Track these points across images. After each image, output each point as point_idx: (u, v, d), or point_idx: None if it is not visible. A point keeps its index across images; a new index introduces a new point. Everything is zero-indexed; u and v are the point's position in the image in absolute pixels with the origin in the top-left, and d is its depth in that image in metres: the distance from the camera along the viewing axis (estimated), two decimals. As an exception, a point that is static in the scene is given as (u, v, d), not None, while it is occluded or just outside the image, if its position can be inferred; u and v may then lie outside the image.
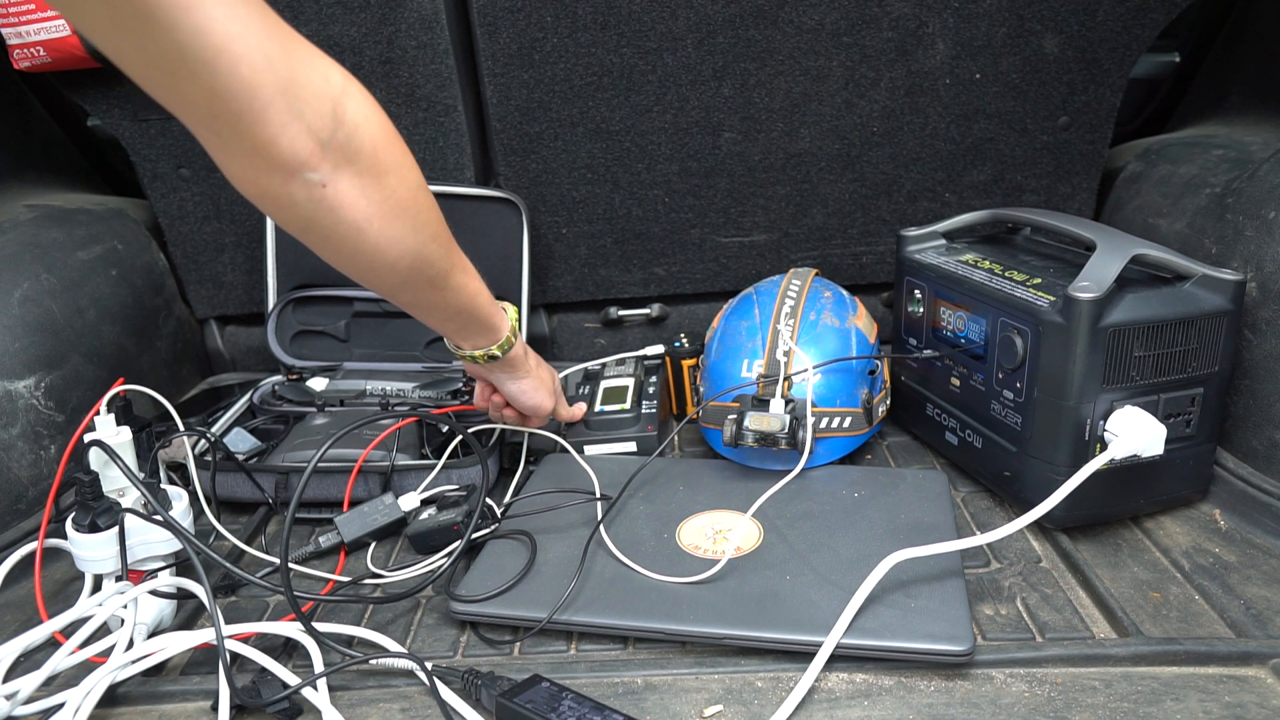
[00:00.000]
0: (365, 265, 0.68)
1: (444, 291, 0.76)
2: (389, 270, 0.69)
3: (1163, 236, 1.08)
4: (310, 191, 0.60)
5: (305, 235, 0.64)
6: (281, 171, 0.58)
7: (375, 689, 0.70)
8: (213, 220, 1.25)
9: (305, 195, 0.60)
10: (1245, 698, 0.65)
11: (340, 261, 0.68)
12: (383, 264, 0.68)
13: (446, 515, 0.86)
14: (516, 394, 0.93)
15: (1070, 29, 1.14)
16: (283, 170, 0.58)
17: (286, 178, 0.58)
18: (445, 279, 0.74)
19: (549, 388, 0.96)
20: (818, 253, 1.29)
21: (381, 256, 0.67)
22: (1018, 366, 0.87)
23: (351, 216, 0.63)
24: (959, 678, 0.68)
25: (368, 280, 0.72)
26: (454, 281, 0.76)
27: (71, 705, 0.65)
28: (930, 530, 0.83)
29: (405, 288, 0.74)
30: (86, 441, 0.77)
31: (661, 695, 0.68)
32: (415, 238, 0.68)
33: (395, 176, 0.64)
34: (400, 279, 0.71)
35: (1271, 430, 0.89)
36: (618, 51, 1.14)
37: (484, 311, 0.82)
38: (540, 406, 0.94)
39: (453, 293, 0.76)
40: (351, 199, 0.62)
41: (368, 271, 0.70)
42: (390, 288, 0.74)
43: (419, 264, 0.70)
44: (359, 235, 0.64)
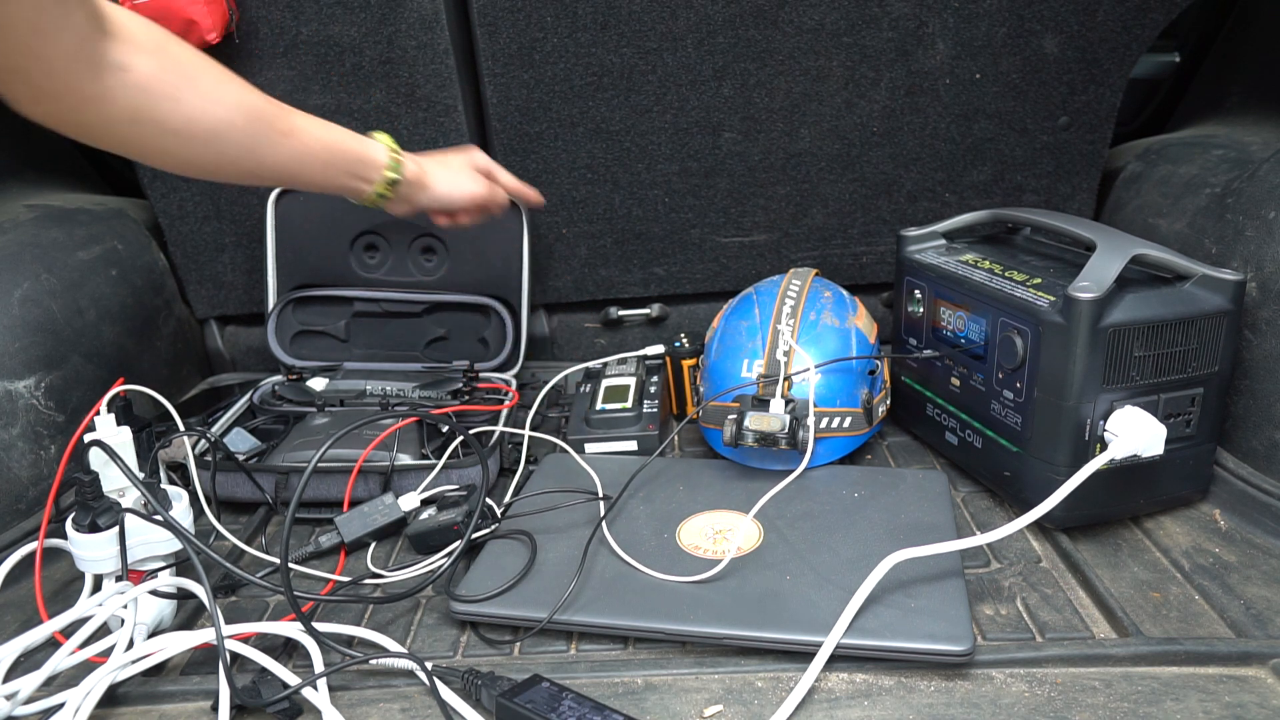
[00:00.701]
0: (206, 132, 0.71)
1: (298, 136, 0.78)
2: (230, 128, 0.72)
3: (1163, 236, 1.08)
4: (119, 77, 0.65)
5: (139, 127, 0.68)
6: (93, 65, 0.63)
7: (375, 689, 0.70)
8: (213, 220, 1.25)
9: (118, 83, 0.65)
10: (1245, 698, 0.65)
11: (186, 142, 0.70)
12: (223, 124, 0.71)
13: (446, 515, 0.86)
14: (445, 200, 0.94)
15: (1070, 29, 1.14)
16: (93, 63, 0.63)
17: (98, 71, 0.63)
18: (287, 121, 0.77)
19: (467, 175, 0.95)
20: (818, 253, 1.29)
21: (215, 116, 0.71)
22: (1018, 366, 0.87)
23: (164, 89, 0.67)
24: (959, 678, 0.68)
25: (229, 155, 0.74)
26: (298, 122, 0.78)
27: (71, 705, 0.65)
28: (930, 530, 0.83)
29: (262, 144, 0.75)
30: (86, 441, 0.77)
31: (661, 695, 0.68)
32: (229, 90, 0.72)
33: (174, 45, 0.69)
34: (248, 136, 0.74)
35: (1271, 430, 0.89)
36: (618, 51, 1.14)
37: (349, 142, 0.83)
38: (473, 196, 0.95)
39: (305, 133, 0.79)
40: (153, 73, 0.67)
41: (216, 140, 0.72)
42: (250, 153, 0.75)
43: (252, 113, 0.73)
44: (181, 105, 0.68)
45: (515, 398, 1.12)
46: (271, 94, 1.14)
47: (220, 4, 1.06)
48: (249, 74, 1.13)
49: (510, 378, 1.19)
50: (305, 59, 1.14)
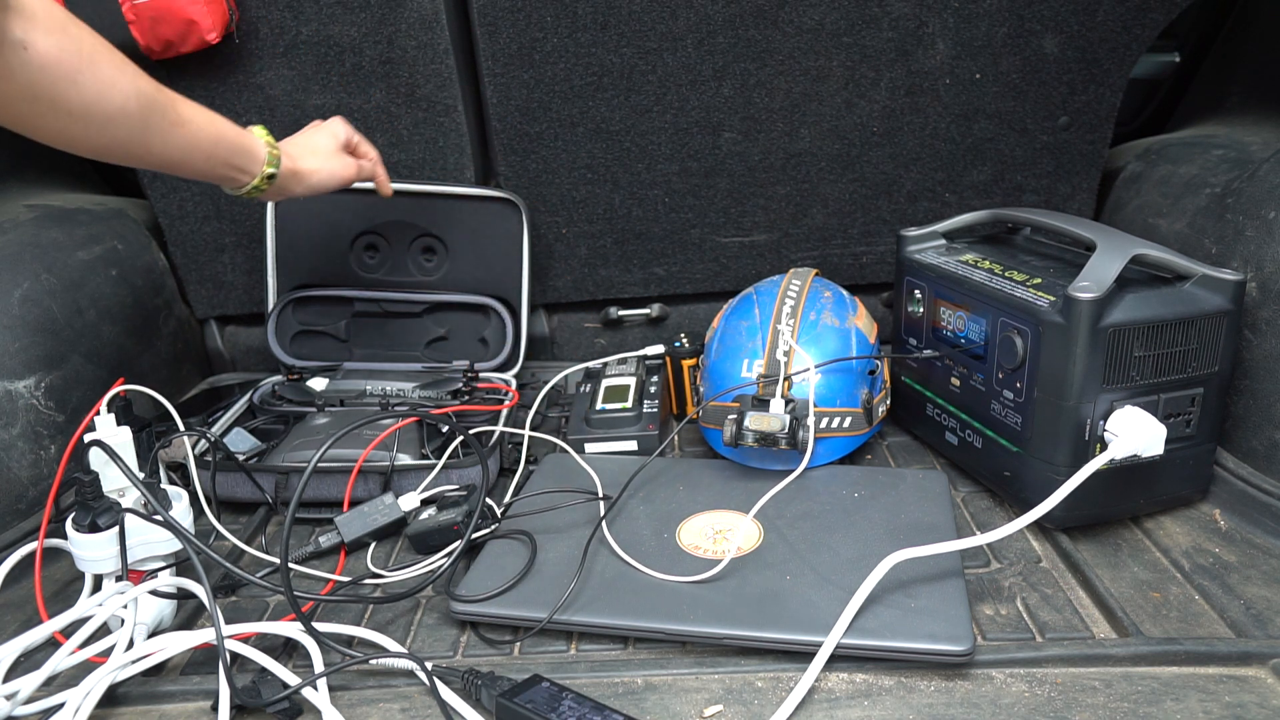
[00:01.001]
0: (103, 117, 0.71)
1: (187, 126, 0.79)
2: (124, 115, 0.72)
3: (1163, 236, 1.08)
4: (17, 54, 0.65)
5: (35, 105, 0.68)
6: None
7: (375, 689, 0.70)
8: (213, 220, 1.25)
9: (18, 61, 0.65)
10: (1245, 698, 0.65)
11: (81, 124, 0.71)
12: (117, 110, 0.72)
13: (446, 515, 0.86)
14: (318, 189, 0.96)
15: (1070, 29, 1.14)
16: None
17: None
18: (177, 112, 0.78)
19: (340, 162, 0.97)
20: (818, 253, 1.29)
21: (111, 102, 0.71)
22: (1018, 366, 0.87)
23: (63, 70, 0.68)
24: (959, 678, 0.68)
25: (121, 139, 0.74)
26: (186, 112, 0.79)
27: (71, 705, 0.65)
28: (930, 530, 0.83)
29: (152, 132, 0.76)
30: (86, 441, 0.77)
31: (661, 695, 0.68)
32: (125, 77, 0.72)
33: (75, 26, 0.69)
34: (141, 123, 0.74)
35: (1271, 430, 0.89)
36: (618, 51, 1.14)
37: (232, 135, 0.84)
38: (343, 182, 0.98)
39: (194, 126, 0.80)
40: (54, 53, 0.67)
41: (110, 125, 0.72)
42: (140, 140, 0.76)
43: (146, 101, 0.74)
44: (78, 87, 0.69)
45: (515, 398, 1.12)
46: (271, 94, 1.16)
47: (220, 4, 1.06)
48: (249, 74, 1.14)
49: (510, 378, 1.19)
50: (305, 59, 1.14)
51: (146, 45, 1.05)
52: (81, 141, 0.73)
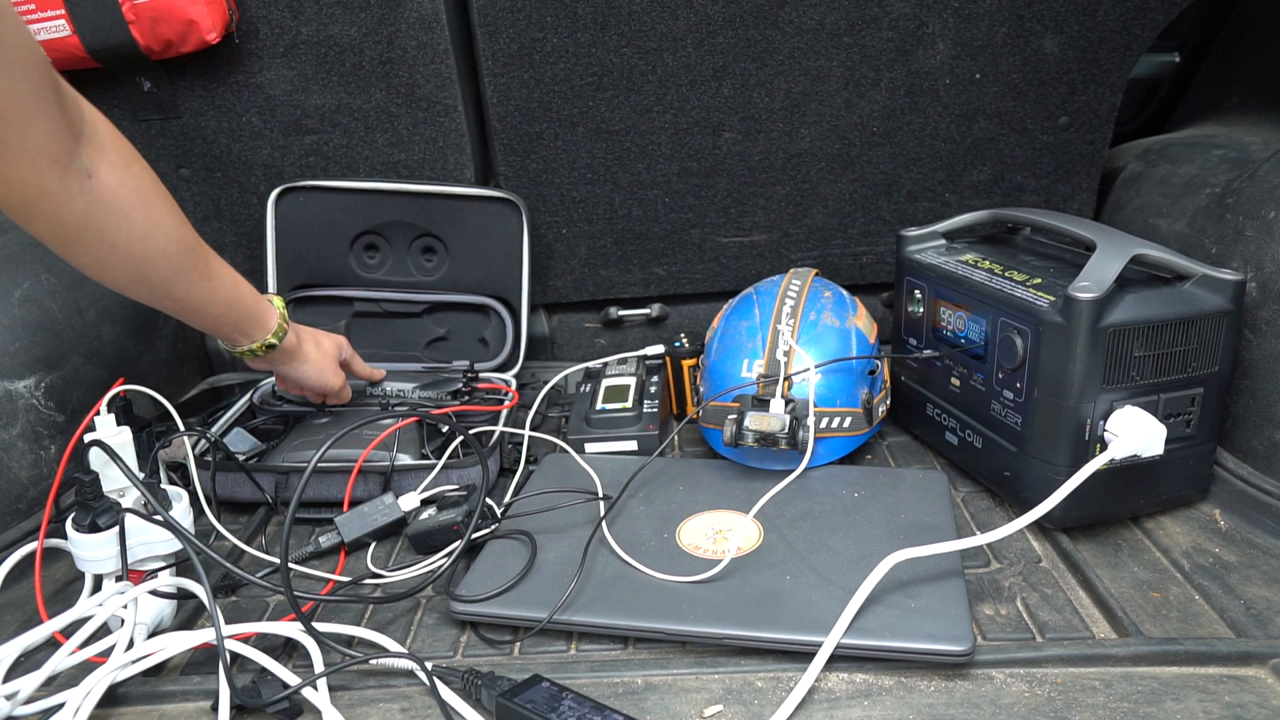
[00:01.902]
0: (142, 256, 0.73)
1: (212, 281, 0.81)
2: (163, 258, 0.74)
3: (1163, 236, 1.08)
4: (81, 183, 0.66)
5: (84, 234, 0.69)
6: (59, 164, 0.64)
7: (375, 689, 0.70)
8: (213, 220, 1.25)
9: (79, 187, 0.66)
10: (1245, 698, 0.65)
11: (120, 259, 0.72)
12: (157, 252, 0.73)
13: (446, 515, 0.86)
14: (301, 379, 0.99)
15: (1070, 29, 1.14)
16: (60, 162, 0.64)
17: (63, 171, 0.65)
18: (208, 265, 0.81)
19: (332, 366, 1.01)
20: (818, 253, 1.29)
21: (154, 243, 0.73)
22: (1018, 366, 0.87)
23: (119, 204, 0.69)
24: (959, 678, 0.68)
25: (150, 280, 0.76)
26: (215, 268, 0.82)
27: (71, 705, 0.65)
28: (930, 530, 0.83)
29: (180, 279, 0.78)
30: (86, 441, 0.77)
31: (661, 695, 0.68)
32: (173, 221, 0.75)
33: (138, 164, 0.71)
34: (174, 268, 0.76)
35: (1271, 430, 0.89)
36: (618, 51, 1.14)
37: (249, 299, 0.87)
38: (327, 385, 1.01)
39: (219, 281, 0.82)
40: (114, 187, 0.68)
41: (146, 264, 0.74)
42: (168, 284, 0.77)
43: (185, 249, 0.76)
44: (129, 223, 0.70)
45: (515, 398, 1.12)
46: (271, 94, 1.16)
47: (220, 4, 1.06)
48: (249, 74, 1.14)
49: (510, 378, 1.19)
50: (305, 59, 1.14)
51: (146, 45, 1.05)
52: (116, 275, 0.74)
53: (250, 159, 1.20)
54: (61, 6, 1.03)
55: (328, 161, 1.21)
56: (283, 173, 1.21)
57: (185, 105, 1.16)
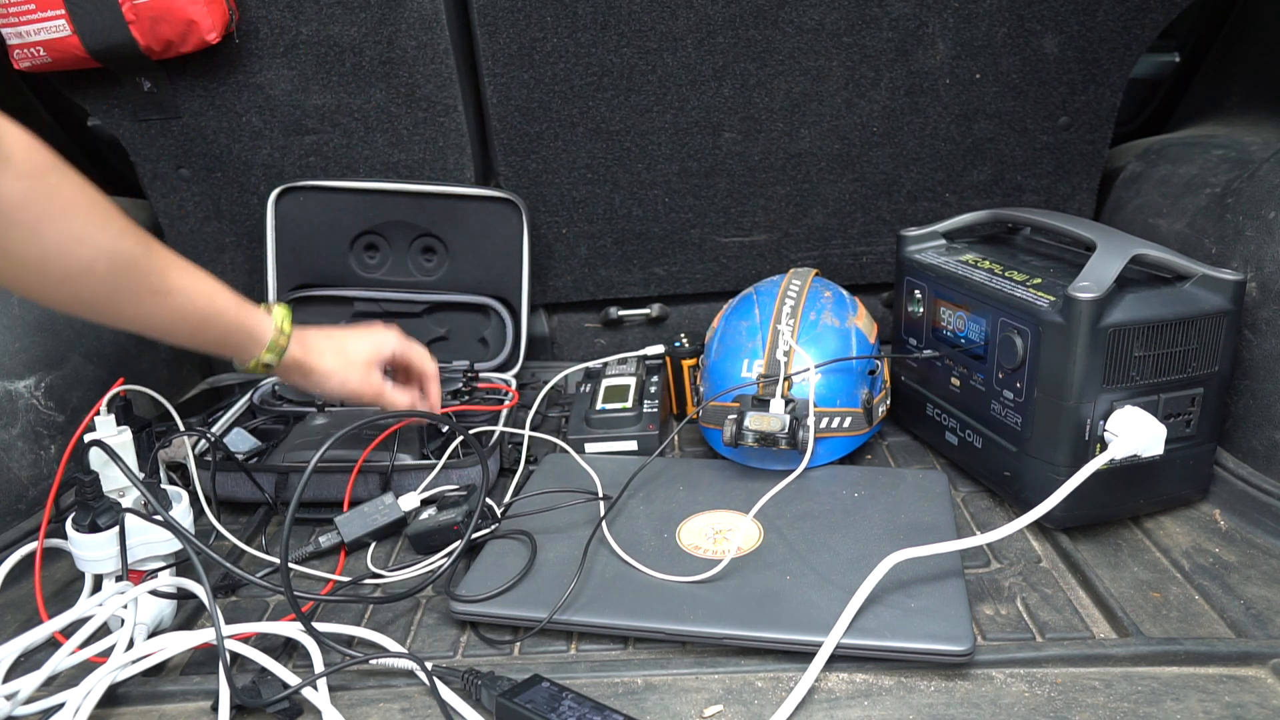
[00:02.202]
0: (61, 272, 0.65)
1: (171, 296, 0.72)
2: (88, 274, 0.66)
3: (1163, 236, 1.08)
4: None
5: None
6: None
7: (375, 689, 0.70)
8: (213, 220, 1.25)
9: None
10: (1245, 698, 0.65)
11: (36, 276, 0.65)
12: (77, 268, 0.65)
13: (446, 515, 0.86)
14: (325, 395, 0.88)
15: (1070, 29, 1.14)
16: None
17: None
18: (163, 279, 0.71)
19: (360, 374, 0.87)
20: (818, 253, 1.29)
21: (73, 259, 0.65)
22: (1018, 366, 0.87)
23: (23, 218, 0.62)
24: (959, 678, 0.68)
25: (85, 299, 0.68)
26: (175, 282, 0.72)
27: (71, 705, 0.65)
28: (930, 530, 0.83)
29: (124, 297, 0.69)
30: (86, 441, 0.77)
31: (661, 695, 0.68)
32: (102, 234, 0.66)
33: (56, 175, 0.64)
34: (110, 285, 0.68)
35: (1271, 430, 0.89)
36: (618, 51, 1.14)
37: (230, 314, 0.77)
38: (356, 398, 0.88)
39: (180, 297, 0.72)
40: (17, 199, 0.61)
41: (68, 280, 0.66)
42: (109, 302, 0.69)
43: (119, 263, 0.68)
44: (38, 238, 0.63)
45: (515, 398, 1.12)
46: (271, 94, 1.16)
47: (220, 4, 1.06)
48: (249, 74, 1.14)
49: (510, 378, 1.19)
50: (305, 59, 1.14)
51: (146, 45, 1.05)
52: (41, 294, 0.67)
53: (250, 159, 1.20)
54: (61, 6, 1.03)
55: (328, 161, 1.21)
56: (283, 173, 1.21)
57: (185, 105, 1.16)
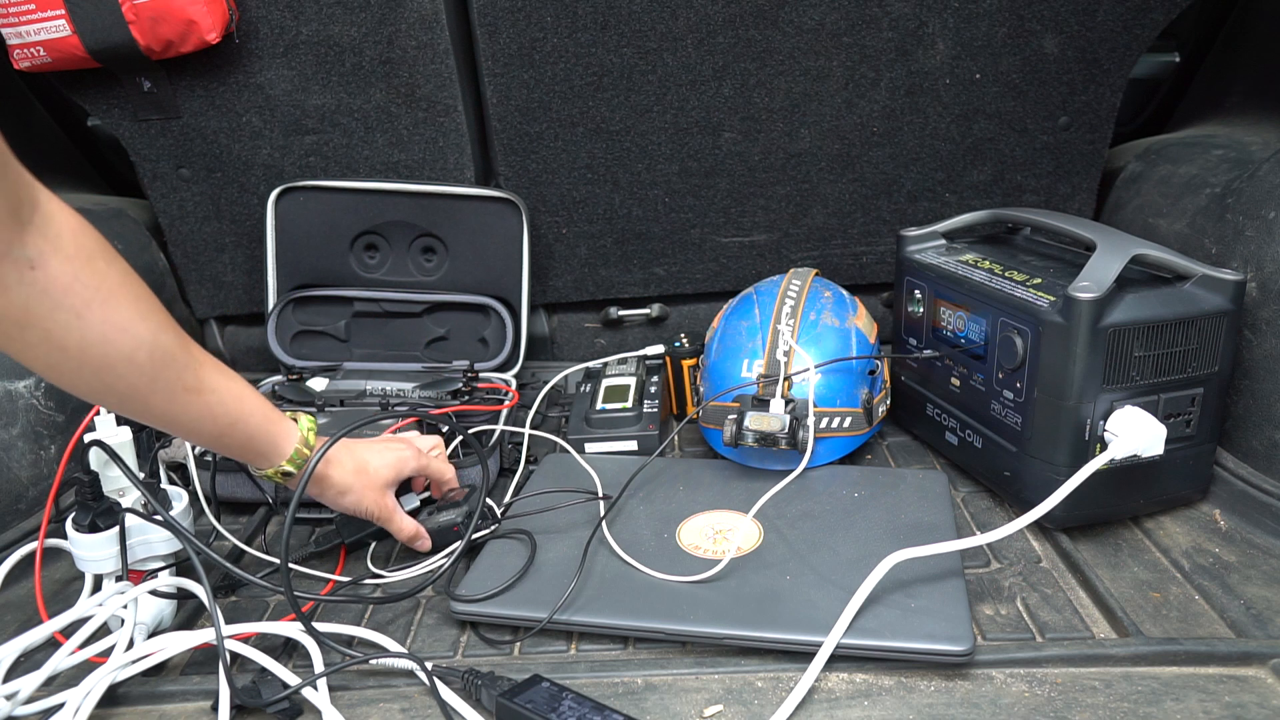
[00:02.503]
0: (100, 361, 0.62)
1: (204, 396, 0.69)
2: (128, 365, 0.63)
3: (1163, 236, 1.08)
4: (21, 273, 0.58)
5: (25, 332, 0.60)
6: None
7: (375, 689, 0.70)
8: (213, 220, 1.25)
9: (16, 277, 0.58)
10: (1245, 698, 0.65)
11: (75, 364, 0.62)
12: (119, 358, 0.63)
13: (446, 516, 0.86)
14: (334, 505, 0.84)
15: (1070, 29, 1.14)
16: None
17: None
18: (198, 377, 0.68)
19: (375, 497, 0.83)
20: (818, 253, 1.29)
21: (114, 348, 0.62)
22: (1018, 366, 0.87)
23: (69, 301, 0.60)
24: (959, 678, 0.68)
25: (118, 390, 0.65)
26: (210, 381, 0.69)
27: (71, 705, 0.65)
28: (930, 530, 0.83)
29: (159, 391, 0.66)
30: (86, 441, 0.77)
31: (661, 695, 0.68)
32: (144, 325, 0.64)
33: (103, 260, 0.62)
34: (148, 378, 0.65)
35: (1271, 430, 0.89)
36: (618, 51, 1.14)
37: (257, 419, 0.74)
38: (366, 514, 0.83)
39: (213, 397, 0.69)
40: (64, 282, 0.59)
41: (106, 369, 0.63)
42: (141, 396, 0.66)
43: (159, 356, 0.65)
44: (82, 324, 0.61)
45: (515, 398, 1.12)
46: (271, 94, 1.16)
47: (220, 4, 1.06)
48: (249, 74, 1.14)
49: (510, 378, 1.19)
50: (305, 59, 1.14)
51: (146, 45, 1.05)
52: (74, 382, 0.63)
53: (250, 159, 1.20)
54: (61, 6, 1.03)
55: (328, 161, 1.21)
56: (283, 173, 1.21)
57: (185, 105, 1.16)
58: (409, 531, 0.85)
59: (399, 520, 0.85)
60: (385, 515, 0.84)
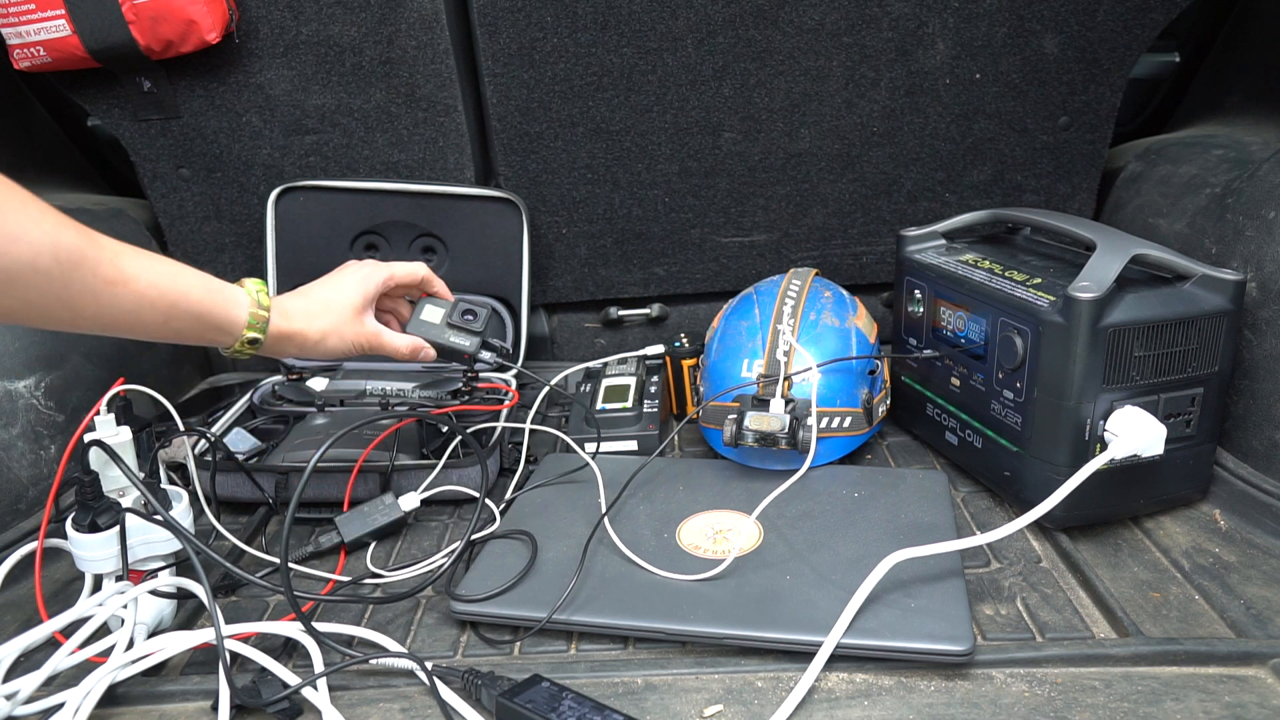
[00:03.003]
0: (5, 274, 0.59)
1: (128, 283, 0.66)
2: (34, 273, 0.60)
3: (1163, 236, 1.08)
4: None
5: None
6: None
7: (375, 689, 0.70)
8: (213, 220, 1.25)
9: None
10: (1245, 698, 0.65)
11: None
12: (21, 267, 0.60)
13: (459, 340, 0.80)
14: (321, 356, 0.81)
15: (1070, 29, 1.14)
16: None
17: None
18: (117, 267, 0.65)
19: (352, 331, 0.80)
20: (818, 253, 1.29)
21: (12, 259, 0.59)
22: (1018, 366, 0.87)
23: None
24: (959, 678, 0.68)
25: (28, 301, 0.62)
26: (133, 267, 0.66)
27: (71, 705, 0.65)
28: (930, 530, 0.83)
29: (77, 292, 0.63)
30: (86, 441, 0.77)
31: (661, 695, 0.68)
32: (39, 228, 0.61)
33: None
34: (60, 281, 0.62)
35: (1271, 430, 0.89)
36: (618, 51, 1.14)
37: (197, 293, 0.71)
38: (355, 348, 0.81)
39: (141, 280, 0.66)
40: None
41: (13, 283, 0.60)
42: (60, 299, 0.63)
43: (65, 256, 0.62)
44: None
45: (515, 397, 1.12)
46: (271, 94, 1.16)
47: (220, 4, 1.06)
48: (249, 74, 1.14)
49: (510, 378, 1.19)
50: (305, 59, 1.14)
51: (146, 45, 1.05)
52: None
53: (250, 159, 1.20)
54: (61, 6, 1.03)
55: (328, 161, 1.21)
56: (283, 173, 1.21)
57: (185, 105, 1.16)
58: (407, 348, 0.81)
59: (390, 340, 0.81)
60: (372, 341, 0.80)
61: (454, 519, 0.96)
